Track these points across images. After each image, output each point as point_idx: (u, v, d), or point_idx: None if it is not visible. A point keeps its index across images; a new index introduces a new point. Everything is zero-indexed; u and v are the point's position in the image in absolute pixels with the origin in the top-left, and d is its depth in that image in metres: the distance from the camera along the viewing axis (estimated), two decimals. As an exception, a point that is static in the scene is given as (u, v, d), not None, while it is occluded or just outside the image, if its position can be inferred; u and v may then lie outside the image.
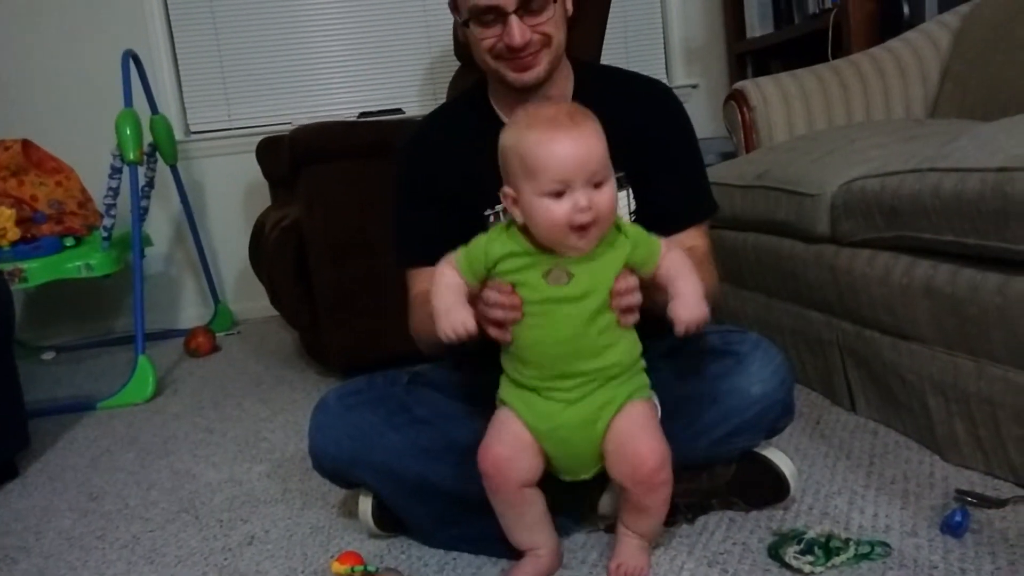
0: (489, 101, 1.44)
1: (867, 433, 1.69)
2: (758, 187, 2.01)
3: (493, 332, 1.15)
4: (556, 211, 1.08)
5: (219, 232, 3.87)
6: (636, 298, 1.13)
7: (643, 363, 1.21)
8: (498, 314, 1.14)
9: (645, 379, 1.21)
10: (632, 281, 1.13)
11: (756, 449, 1.39)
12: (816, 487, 1.46)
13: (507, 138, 1.14)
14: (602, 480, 1.25)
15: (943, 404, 1.49)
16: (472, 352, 1.21)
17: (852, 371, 1.79)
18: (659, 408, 1.22)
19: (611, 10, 2.68)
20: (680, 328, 1.11)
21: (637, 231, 1.17)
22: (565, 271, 1.11)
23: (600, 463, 1.20)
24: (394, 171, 1.47)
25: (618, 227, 1.15)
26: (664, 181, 1.38)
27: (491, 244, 1.16)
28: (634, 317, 1.14)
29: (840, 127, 2.23)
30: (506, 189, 1.14)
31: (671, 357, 1.36)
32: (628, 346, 1.17)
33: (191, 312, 3.91)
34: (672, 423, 1.30)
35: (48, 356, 3.52)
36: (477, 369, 1.32)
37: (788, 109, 2.40)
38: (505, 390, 1.21)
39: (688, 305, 1.11)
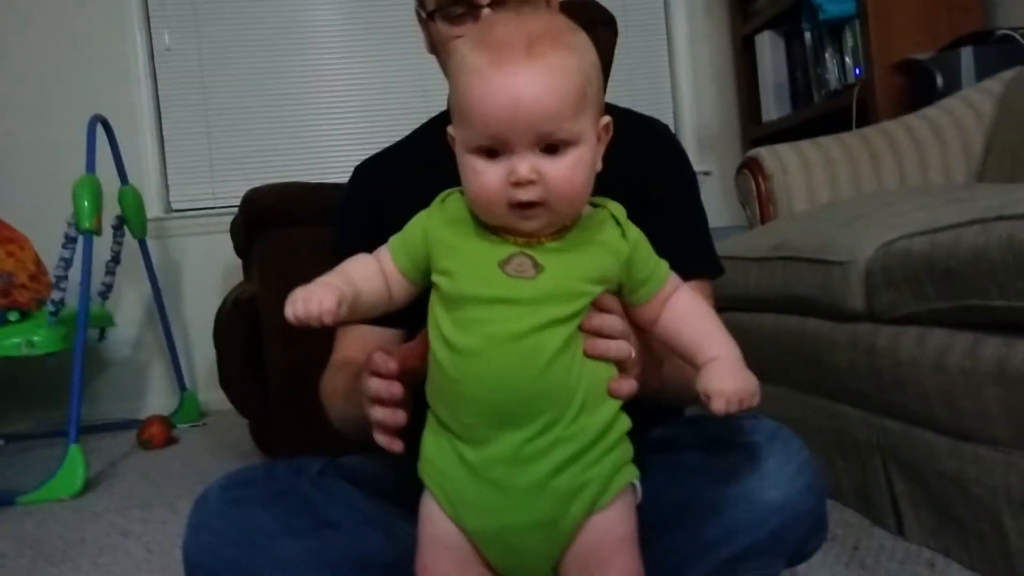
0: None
1: (920, 564, 1.40)
2: (775, 258, 1.78)
3: (380, 439, 0.87)
4: (487, 176, 0.79)
5: (196, 315, 3.64)
6: (622, 347, 0.83)
7: (628, 423, 0.84)
8: (378, 414, 0.86)
9: (629, 449, 0.85)
10: (615, 306, 0.84)
11: (776, 582, 1.06)
12: (856, 633, 1.14)
13: (452, 60, 0.84)
14: None
15: None
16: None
17: (898, 482, 1.50)
18: (640, 493, 0.86)
19: (620, 99, 2.47)
20: (720, 404, 0.81)
21: (640, 233, 0.86)
22: (532, 260, 0.80)
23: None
24: (342, 195, 1.29)
25: (614, 218, 0.85)
26: (661, 227, 1.10)
27: (433, 212, 0.86)
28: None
29: (872, 193, 1.98)
30: (450, 130, 0.84)
31: (662, 451, 1.04)
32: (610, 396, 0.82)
33: (158, 401, 3.63)
34: (662, 539, 0.99)
35: (-3, 444, 3.27)
36: (414, 457, 1.00)
37: (809, 177, 2.17)
38: (427, 456, 0.86)
39: (730, 370, 0.83)
